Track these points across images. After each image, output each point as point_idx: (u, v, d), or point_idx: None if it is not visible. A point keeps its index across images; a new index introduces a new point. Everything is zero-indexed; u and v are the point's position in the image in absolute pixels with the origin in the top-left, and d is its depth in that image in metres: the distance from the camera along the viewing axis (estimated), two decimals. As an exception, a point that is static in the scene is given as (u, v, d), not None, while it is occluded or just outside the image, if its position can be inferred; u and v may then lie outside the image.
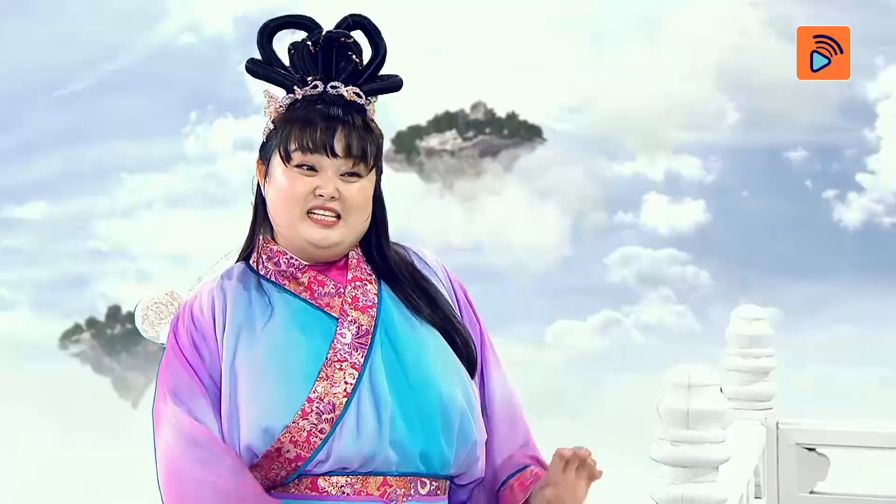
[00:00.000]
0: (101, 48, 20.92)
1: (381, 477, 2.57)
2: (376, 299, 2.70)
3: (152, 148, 21.10)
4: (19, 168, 20.77)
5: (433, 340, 2.72)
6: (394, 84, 2.80)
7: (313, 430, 2.51)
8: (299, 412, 2.52)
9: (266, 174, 2.72)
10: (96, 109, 20.93)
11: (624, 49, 20.47)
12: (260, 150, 2.76)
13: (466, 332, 2.79)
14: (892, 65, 18.94)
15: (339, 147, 2.65)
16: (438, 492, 2.66)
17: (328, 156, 2.65)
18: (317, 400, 2.53)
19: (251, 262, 2.73)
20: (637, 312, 19.61)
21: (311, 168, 2.65)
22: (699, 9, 20.05)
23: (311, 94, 2.71)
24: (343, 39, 2.74)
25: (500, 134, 20.60)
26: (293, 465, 2.52)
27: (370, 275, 2.75)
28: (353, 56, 2.75)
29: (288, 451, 2.51)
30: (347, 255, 2.74)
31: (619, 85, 20.43)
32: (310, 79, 2.72)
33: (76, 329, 20.27)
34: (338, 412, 2.53)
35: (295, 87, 2.72)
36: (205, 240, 19.77)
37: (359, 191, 2.68)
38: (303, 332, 2.61)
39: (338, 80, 2.73)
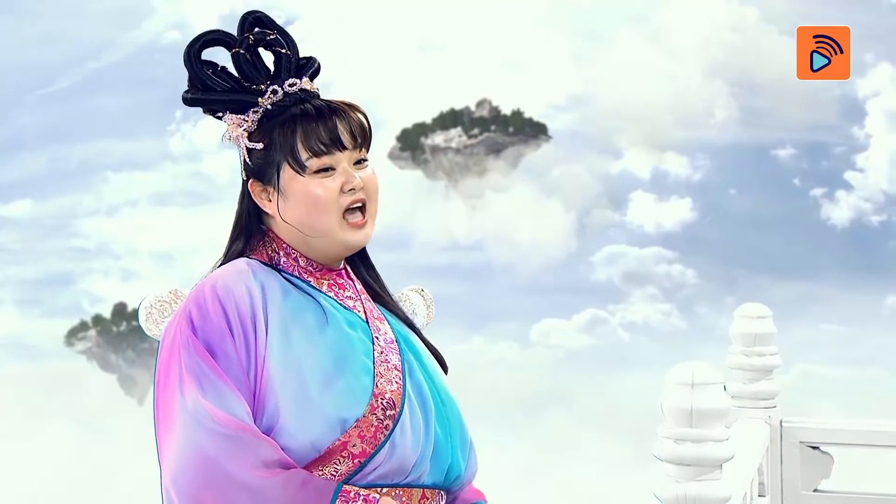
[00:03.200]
0: (86, 46, 20.89)
1: (421, 490, 2.56)
2: (382, 314, 2.70)
3: (137, 146, 21.09)
4: (4, 166, 20.73)
5: (434, 360, 2.74)
6: (318, 66, 2.77)
7: (379, 425, 2.50)
8: (368, 406, 2.49)
9: (274, 192, 2.64)
10: (81, 108, 20.90)
11: (617, 47, 20.50)
12: (249, 172, 2.68)
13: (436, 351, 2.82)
14: (882, 62, 18.96)
15: (346, 138, 2.62)
16: None
17: (340, 150, 2.60)
18: (379, 396, 2.51)
19: (259, 258, 2.66)
20: (622, 311, 19.62)
21: (328, 169, 2.60)
22: (694, 7, 20.07)
23: (277, 100, 2.65)
24: (268, 38, 2.72)
25: (505, 131, 20.59)
26: (356, 460, 2.48)
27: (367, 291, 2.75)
28: (283, 50, 2.72)
29: (354, 446, 2.48)
30: (345, 267, 2.72)
31: (610, 83, 20.46)
32: (262, 87, 2.66)
33: (82, 326, 20.23)
34: (397, 409, 2.53)
35: (259, 100, 2.65)
36: (190, 238, 19.77)
37: (373, 174, 2.68)
38: (350, 327, 2.58)
39: (286, 77, 2.68)
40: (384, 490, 2.50)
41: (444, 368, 2.78)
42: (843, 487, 4.46)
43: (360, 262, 2.76)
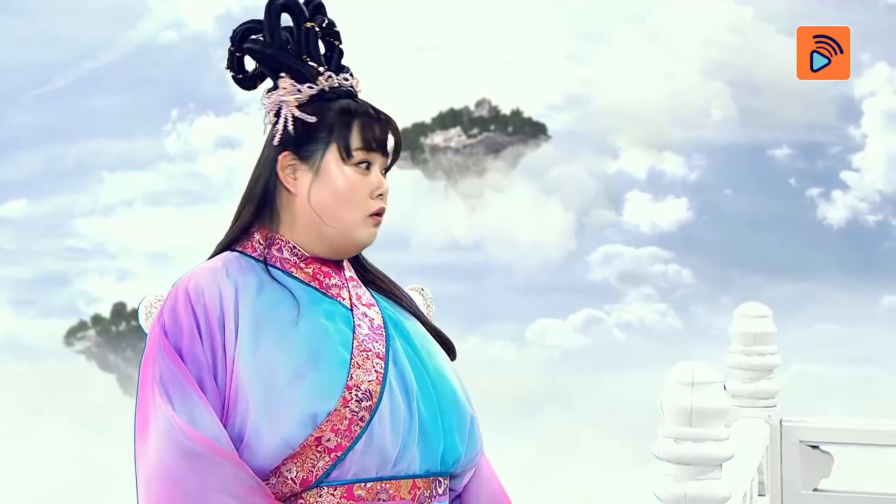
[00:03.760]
0: (82, 46, 20.88)
1: (411, 480, 2.53)
2: (373, 299, 2.67)
3: (133, 146, 21.08)
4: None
5: (433, 341, 2.71)
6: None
7: (354, 417, 2.44)
8: (340, 399, 2.44)
9: (307, 170, 2.59)
10: (77, 107, 20.90)
11: (615, 47, 20.52)
12: (287, 142, 2.61)
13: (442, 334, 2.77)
14: (879, 62, 18.97)
15: (389, 144, 2.62)
16: (446, 490, 2.64)
17: (381, 153, 2.60)
18: (354, 388, 2.46)
19: (244, 249, 2.64)
20: (618, 311, 19.62)
21: (367, 167, 2.59)
22: (691, 7, 20.09)
23: (333, 86, 2.63)
24: (333, 28, 2.68)
25: (504, 131, 20.60)
26: (333, 454, 2.44)
27: (357, 277, 2.72)
28: (338, 43, 2.69)
29: (329, 440, 2.43)
30: None
31: (607, 83, 20.48)
32: (320, 69, 2.63)
33: (81, 326, 20.22)
34: (374, 400, 2.47)
35: (318, 78, 2.63)
36: (185, 238, 19.76)
37: (388, 189, 2.65)
38: (328, 319, 2.54)
39: (334, 70, 2.66)
40: (368, 485, 2.49)
41: (452, 354, 2.75)
42: (842, 487, 4.47)
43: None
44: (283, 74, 2.63)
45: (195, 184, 20.92)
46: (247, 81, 2.73)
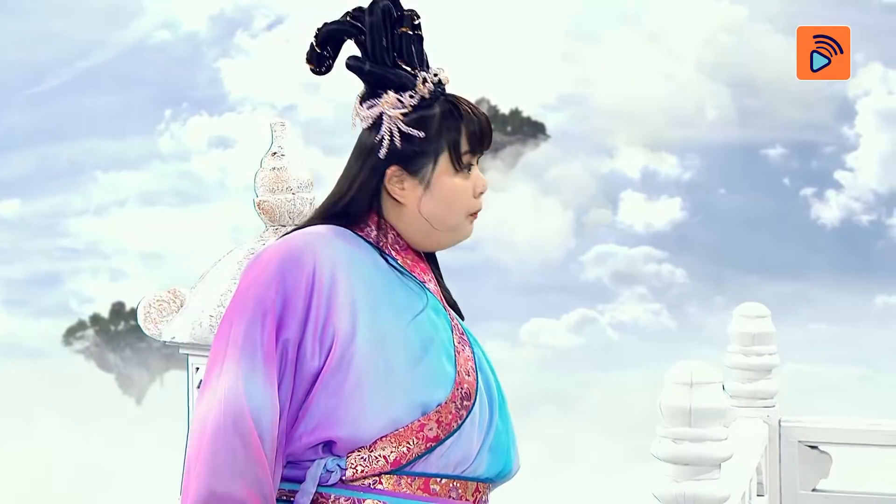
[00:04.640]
0: (75, 45, 20.88)
1: (476, 483, 2.55)
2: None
3: (126, 146, 21.08)
4: (-7, 165, 20.72)
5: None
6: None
7: (456, 413, 2.47)
8: (451, 393, 2.47)
9: (417, 183, 2.55)
10: (71, 107, 20.89)
11: (611, 46, 20.54)
12: (395, 157, 2.55)
13: None
14: (873, 62, 18.99)
15: (486, 140, 2.60)
16: (488, 496, 2.66)
17: (481, 152, 2.59)
18: (459, 384, 2.49)
19: (353, 229, 2.59)
20: (612, 311, 19.63)
21: (469, 168, 2.58)
22: (686, 7, 20.11)
23: (430, 90, 2.58)
24: (416, 21, 2.64)
25: (503, 131, 20.58)
26: (429, 444, 2.46)
27: None
28: (421, 35, 2.65)
29: (430, 430, 2.45)
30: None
31: (604, 83, 20.50)
32: (415, 72, 2.59)
33: (80, 325, 20.21)
34: (472, 400, 2.50)
35: (418, 85, 2.57)
36: (179, 238, 19.77)
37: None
38: (436, 313, 2.56)
39: (426, 67, 2.62)
40: (443, 481, 2.50)
41: None
42: (841, 487, 4.47)
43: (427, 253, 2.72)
44: (388, 91, 2.57)
45: (188, 183, 20.93)
46: (323, 71, 2.69)
